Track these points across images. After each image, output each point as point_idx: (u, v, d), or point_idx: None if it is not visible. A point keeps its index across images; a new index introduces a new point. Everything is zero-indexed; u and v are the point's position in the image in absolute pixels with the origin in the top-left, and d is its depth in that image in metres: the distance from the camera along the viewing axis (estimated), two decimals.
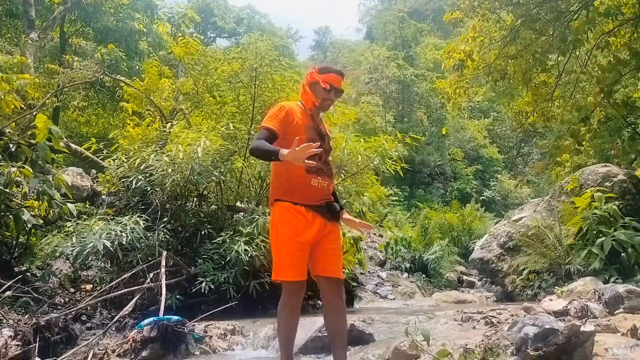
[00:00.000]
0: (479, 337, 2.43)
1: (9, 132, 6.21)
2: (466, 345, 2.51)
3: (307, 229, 2.95)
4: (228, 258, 5.68)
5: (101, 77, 9.17)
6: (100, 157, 7.26)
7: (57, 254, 5.73)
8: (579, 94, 11.40)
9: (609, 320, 3.86)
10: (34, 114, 6.26)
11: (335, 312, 3.06)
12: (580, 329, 2.00)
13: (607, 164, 8.10)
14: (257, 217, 6.10)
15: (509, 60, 10.08)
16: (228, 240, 5.79)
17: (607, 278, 6.12)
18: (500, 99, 16.03)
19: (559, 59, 10.19)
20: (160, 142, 6.78)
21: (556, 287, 6.35)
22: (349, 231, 6.67)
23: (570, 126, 10.02)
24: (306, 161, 2.72)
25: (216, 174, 6.21)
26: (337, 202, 3.20)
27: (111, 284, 5.42)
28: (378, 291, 9.19)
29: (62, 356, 4.03)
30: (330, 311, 3.08)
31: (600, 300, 4.61)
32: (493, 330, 2.28)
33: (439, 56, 13.25)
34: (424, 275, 10.34)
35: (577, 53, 10.17)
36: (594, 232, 6.64)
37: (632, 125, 10.35)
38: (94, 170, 8.93)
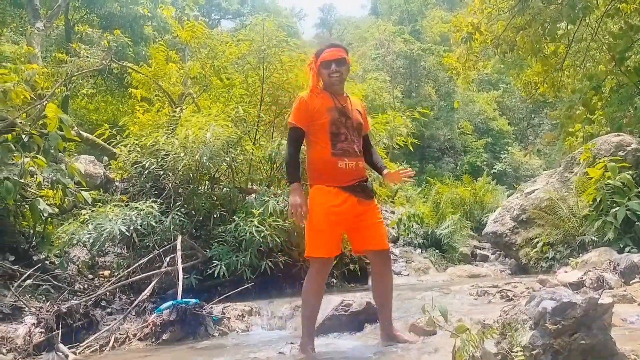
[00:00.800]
0: (496, 312, 2.44)
1: (20, 122, 6.25)
2: (484, 320, 2.52)
3: (338, 208, 3.07)
4: (242, 240, 5.73)
5: (109, 64, 9.17)
6: (112, 144, 7.31)
7: (74, 242, 5.79)
8: (590, 62, 11.22)
9: (625, 291, 3.86)
10: (44, 103, 6.28)
11: (384, 281, 3.30)
12: (598, 302, 2.01)
13: (620, 133, 8.01)
14: (268, 198, 6.13)
15: (518, 31, 9.92)
16: (241, 223, 5.84)
17: (621, 247, 6.11)
18: (509, 70, 15.81)
19: (569, 27, 10.00)
20: (171, 127, 6.80)
21: (571, 258, 6.34)
22: None
23: (582, 95, 9.89)
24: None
25: (227, 159, 6.23)
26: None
27: (129, 270, 5.49)
28: (392, 268, 9.23)
29: (85, 342, 4.11)
30: (378, 280, 3.34)
31: (615, 270, 4.61)
32: (510, 305, 2.29)
33: (446, 29, 13.07)
34: (437, 251, 10.36)
35: (587, 20, 9.97)
36: (608, 202, 6.60)
37: None
38: (106, 158, 8.99)
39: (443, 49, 23.14)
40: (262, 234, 5.61)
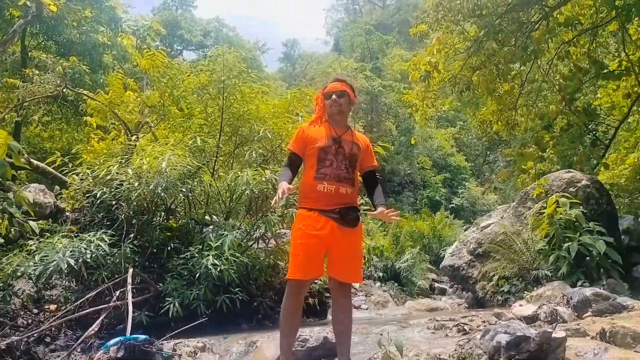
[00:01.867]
0: (452, 346, 2.41)
1: None
2: (439, 355, 2.49)
3: (317, 232, 3.15)
4: (197, 273, 5.56)
5: (63, 90, 8.95)
6: (64, 173, 7.06)
7: (19, 274, 5.51)
8: (542, 102, 11.67)
9: (578, 324, 3.91)
10: None
11: (342, 311, 3.33)
12: (552, 336, 2.00)
13: (571, 170, 8.30)
14: (226, 232, 6.00)
15: (474, 71, 10.26)
16: (197, 255, 5.68)
17: (574, 282, 6.24)
18: (466, 108, 16.29)
19: (522, 68, 10.42)
20: (126, 156, 6.63)
21: (525, 292, 6.44)
22: None
23: (534, 134, 10.25)
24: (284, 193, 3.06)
25: (184, 189, 6.10)
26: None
27: (76, 304, 5.25)
28: (352, 302, 9.15)
29: None
30: (337, 310, 3.38)
31: (568, 304, 4.68)
32: (466, 339, 2.27)
33: (406, 67, 13.42)
34: (396, 284, 10.36)
35: (539, 62, 10.42)
36: (561, 237, 6.77)
37: (593, 132, 10.68)
38: (57, 187, 8.67)
39: (403, 86, 23.69)
40: (219, 268, 5.46)
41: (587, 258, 6.41)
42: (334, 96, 3.40)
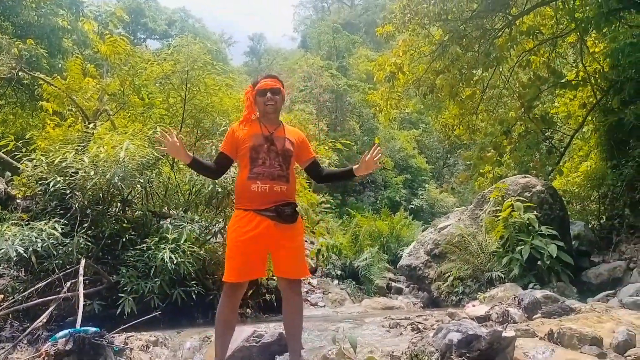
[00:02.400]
0: (405, 344, 2.44)
1: None
2: (392, 352, 2.52)
3: (252, 232, 3.13)
4: (153, 266, 5.45)
5: (18, 73, 8.61)
6: (16, 158, 6.79)
7: None
8: (502, 108, 11.97)
9: (527, 325, 4.02)
10: None
11: (292, 309, 3.31)
12: (502, 335, 2.05)
13: (527, 175, 8.53)
14: (184, 224, 5.90)
15: (438, 75, 10.42)
16: (153, 247, 5.57)
17: (526, 284, 6.42)
18: (429, 111, 16.54)
19: (484, 74, 10.65)
20: (83, 144, 6.43)
21: (479, 293, 6.57)
22: None
23: (493, 139, 10.50)
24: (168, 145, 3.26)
25: (141, 180, 5.97)
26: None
27: (24, 294, 5.08)
28: (308, 298, 9.15)
29: None
30: (287, 308, 3.32)
31: (519, 305, 4.81)
32: (419, 337, 2.30)
33: (371, 68, 13.51)
34: (354, 282, 10.42)
35: (501, 69, 10.69)
36: (514, 240, 6.95)
37: (549, 139, 11.02)
38: (8, 173, 8.34)
39: (368, 87, 23.85)
40: (176, 262, 5.37)
41: (539, 261, 6.60)
42: (269, 94, 3.32)
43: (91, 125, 6.84)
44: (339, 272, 10.65)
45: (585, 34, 9.31)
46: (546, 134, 10.87)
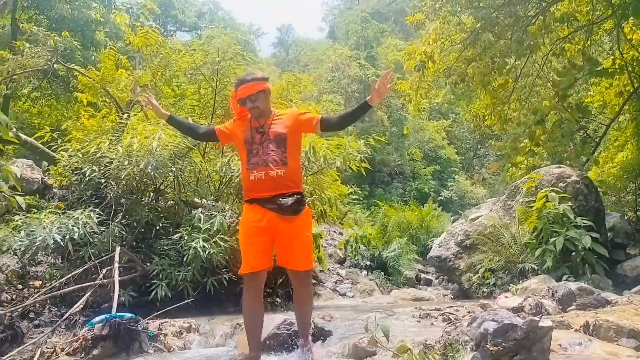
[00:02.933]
0: (437, 333, 2.43)
1: None
2: (425, 341, 2.50)
3: (258, 223, 3.22)
4: (185, 255, 5.54)
5: (54, 65, 8.81)
6: (53, 149, 6.97)
7: (4, 249, 5.47)
8: (535, 97, 11.71)
9: (562, 317, 3.95)
10: None
11: (297, 300, 3.44)
12: (539, 325, 2.02)
13: (561, 165, 8.34)
14: (215, 213, 5.97)
15: (469, 63, 10.24)
16: (186, 237, 5.65)
17: (559, 276, 6.30)
18: (459, 101, 16.31)
19: (516, 62, 10.42)
20: (116, 134, 6.56)
21: (511, 284, 6.49)
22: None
23: (526, 128, 10.28)
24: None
25: (174, 170, 6.05)
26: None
27: (61, 280, 5.21)
28: (337, 289, 9.18)
29: (7, 355, 3.84)
30: (295, 297, 3.47)
31: (553, 297, 4.72)
32: (452, 327, 2.27)
33: (400, 57, 13.36)
34: (382, 273, 10.40)
35: (534, 57, 10.44)
36: (548, 231, 6.82)
37: (584, 129, 10.74)
38: (45, 163, 8.57)
39: (397, 77, 23.66)
40: (208, 251, 5.44)
41: (573, 253, 6.47)
42: (248, 103, 3.36)
43: (125, 116, 6.96)
44: (367, 263, 10.64)
45: (622, 20, 9.01)
46: (581, 124, 10.59)
